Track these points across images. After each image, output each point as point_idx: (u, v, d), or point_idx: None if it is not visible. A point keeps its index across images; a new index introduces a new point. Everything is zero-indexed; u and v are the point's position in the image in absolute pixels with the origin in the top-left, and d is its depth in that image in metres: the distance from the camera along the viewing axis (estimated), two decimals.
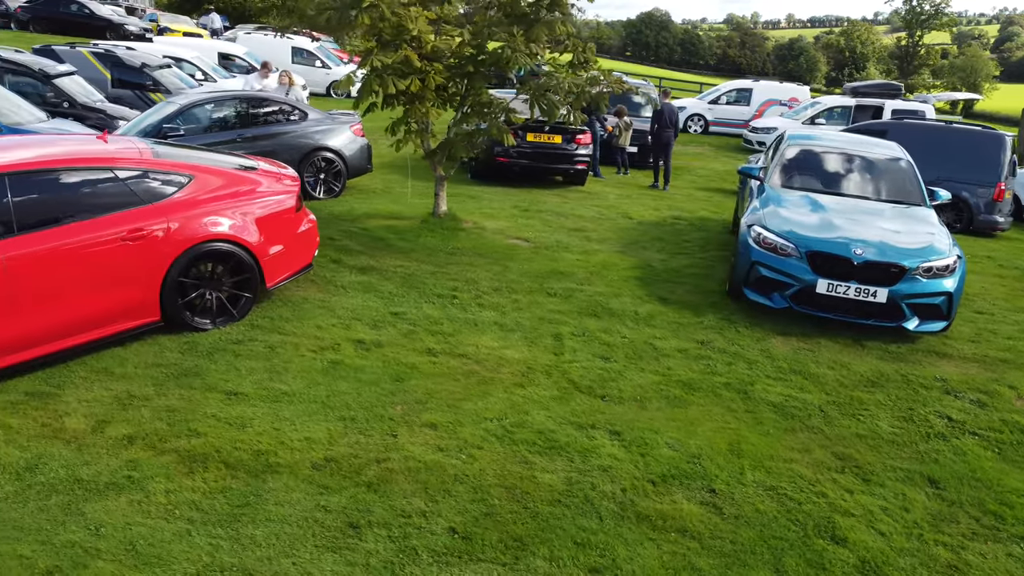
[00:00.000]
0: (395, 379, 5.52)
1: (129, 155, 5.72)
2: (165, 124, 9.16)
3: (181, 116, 9.39)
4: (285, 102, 10.57)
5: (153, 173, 5.71)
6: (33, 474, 4.31)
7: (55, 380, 5.23)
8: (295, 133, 10.04)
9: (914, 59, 75.27)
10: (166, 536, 3.93)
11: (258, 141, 9.69)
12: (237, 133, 9.66)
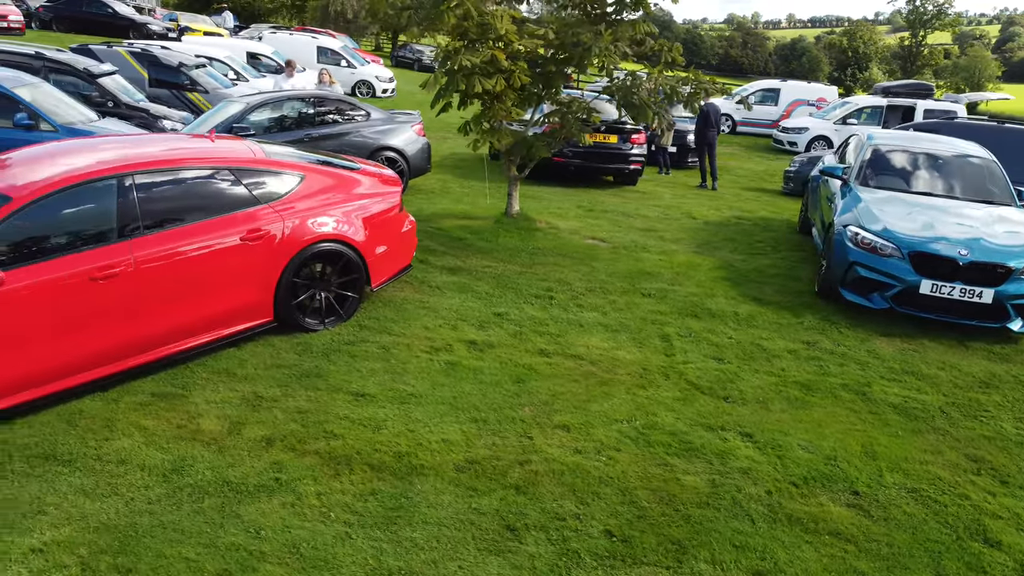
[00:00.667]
0: (516, 380, 5.50)
1: (245, 155, 5.73)
2: (235, 124, 9.16)
3: (249, 116, 9.39)
4: (349, 102, 10.58)
5: (268, 173, 5.71)
6: (180, 476, 4.30)
7: (179, 381, 5.22)
8: (359, 133, 10.04)
9: (917, 59, 75.15)
10: (327, 539, 3.91)
11: (324, 140, 9.69)
12: (304, 133, 9.67)
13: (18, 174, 4.92)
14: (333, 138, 9.76)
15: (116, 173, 4.97)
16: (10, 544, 3.75)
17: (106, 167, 4.97)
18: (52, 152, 5.47)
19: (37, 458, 4.39)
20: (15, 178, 4.83)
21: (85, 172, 4.88)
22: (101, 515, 3.97)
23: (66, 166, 4.99)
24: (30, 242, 4.63)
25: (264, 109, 9.66)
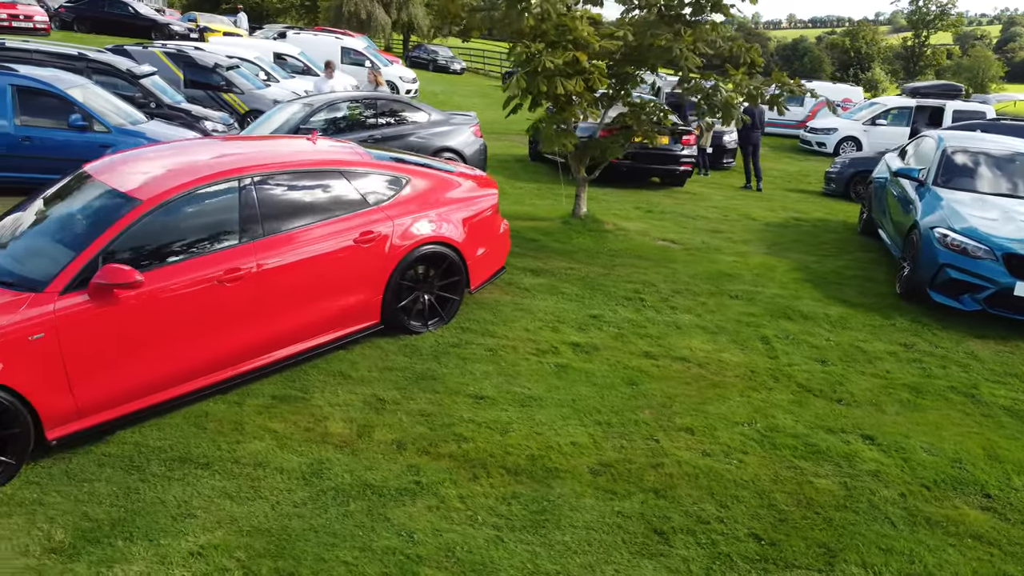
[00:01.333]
0: (629, 383, 5.52)
1: (354, 158, 5.76)
2: (302, 125, 9.19)
3: (314, 117, 9.41)
4: (409, 103, 10.60)
5: (376, 176, 5.74)
6: (319, 479, 4.32)
7: (297, 384, 5.25)
8: (419, 134, 10.06)
9: (920, 60, 75.06)
10: (479, 542, 3.93)
11: (387, 141, 9.71)
12: (367, 134, 9.69)
13: (140, 176, 4.95)
14: (395, 139, 9.79)
15: (238, 175, 5.00)
16: (168, 547, 3.78)
17: (228, 169, 5.00)
18: (166, 153, 5.51)
19: (174, 461, 4.42)
20: (140, 180, 4.85)
21: (209, 174, 4.90)
22: (250, 518, 4.00)
23: (187, 168, 5.02)
24: (162, 245, 4.66)
25: (328, 111, 9.68)
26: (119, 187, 4.78)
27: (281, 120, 9.74)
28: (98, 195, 4.85)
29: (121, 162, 5.33)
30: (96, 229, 4.49)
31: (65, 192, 5.16)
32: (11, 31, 23.04)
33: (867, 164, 15.51)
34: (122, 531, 3.87)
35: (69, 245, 4.51)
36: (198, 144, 6.02)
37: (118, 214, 4.54)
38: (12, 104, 10.91)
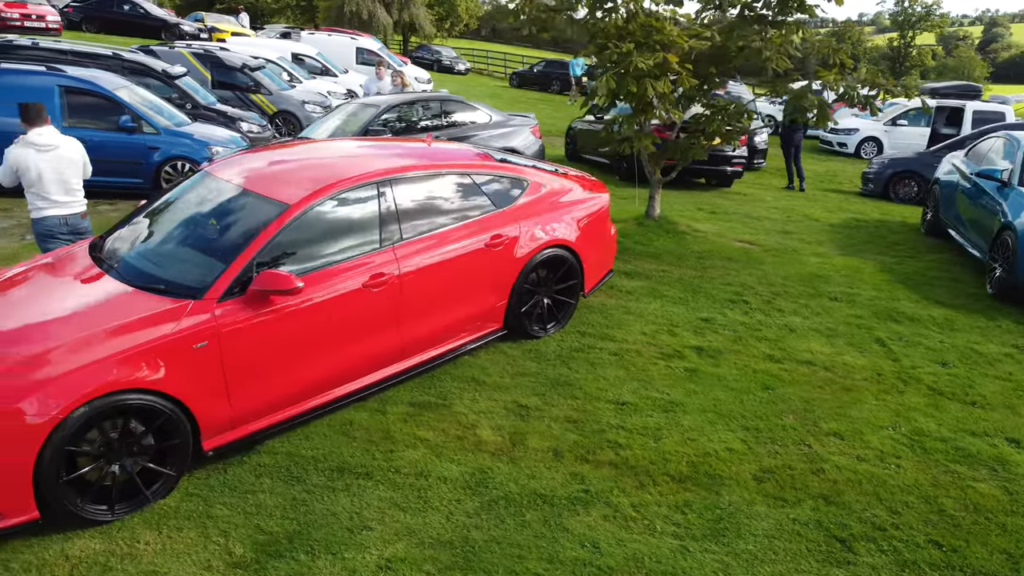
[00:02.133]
0: (764, 387, 5.48)
1: (479, 160, 5.69)
2: (370, 127, 9.11)
3: (382, 118, 9.32)
4: (471, 104, 10.52)
5: (501, 178, 5.68)
6: (485, 488, 4.26)
7: (433, 391, 5.18)
8: (482, 135, 10.00)
9: (906, 60, 75.51)
10: (664, 552, 3.88)
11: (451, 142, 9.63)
12: (433, 135, 9.59)
13: (278, 179, 4.87)
14: (459, 140, 9.70)
15: (378, 178, 4.92)
16: (353, 561, 3.71)
17: (369, 171, 4.92)
18: (287, 156, 5.42)
19: (332, 471, 4.34)
20: (280, 183, 4.77)
21: (351, 176, 4.83)
22: (427, 530, 3.93)
23: (324, 171, 4.94)
24: (308, 250, 4.57)
25: (396, 111, 9.59)
26: (261, 191, 4.70)
27: (344, 120, 9.64)
28: (237, 199, 4.77)
29: (247, 165, 5.23)
30: (247, 234, 4.41)
31: (193, 196, 5.06)
32: (23, 30, 22.81)
33: (906, 165, 15.58)
34: (301, 544, 3.79)
35: (219, 250, 4.43)
36: (313, 146, 5.92)
37: (267, 218, 4.45)
38: (60, 105, 10.79)
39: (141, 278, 4.34)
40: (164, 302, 4.11)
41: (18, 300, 4.31)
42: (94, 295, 4.26)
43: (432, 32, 51.78)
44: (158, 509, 4.02)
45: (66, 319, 4.03)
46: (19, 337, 3.88)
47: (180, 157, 11.24)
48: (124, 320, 3.97)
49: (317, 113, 17.92)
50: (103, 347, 3.81)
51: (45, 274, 4.65)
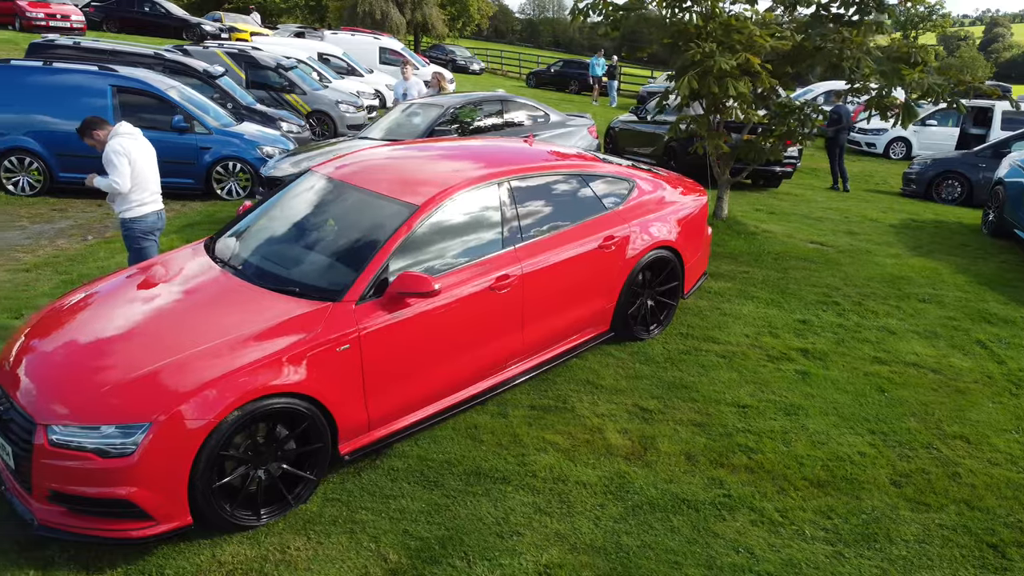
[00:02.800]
0: (878, 390, 5.43)
1: (590, 161, 5.65)
2: (436, 127, 9.06)
3: (448, 117, 9.26)
4: (531, 104, 10.47)
5: (610, 179, 5.64)
6: (627, 493, 4.21)
7: (550, 394, 5.14)
8: (543, 136, 9.91)
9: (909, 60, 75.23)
10: (820, 559, 3.83)
11: None
12: (495, 135, 9.56)
13: (399, 180, 4.82)
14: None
15: (499, 178, 4.89)
16: (510, 567, 3.67)
17: (491, 172, 4.88)
18: (394, 157, 5.38)
19: (468, 475, 4.31)
20: (406, 185, 4.72)
21: (474, 177, 4.79)
22: (577, 536, 3.89)
23: (444, 172, 4.90)
24: (436, 251, 4.53)
25: (460, 112, 9.53)
26: (386, 192, 4.66)
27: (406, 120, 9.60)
28: (359, 200, 4.72)
29: (359, 166, 5.20)
30: (378, 235, 4.37)
31: (309, 197, 5.03)
32: (48, 30, 22.81)
33: (949, 165, 15.50)
34: (455, 550, 3.75)
35: (350, 252, 4.39)
36: (418, 147, 5.88)
37: (397, 220, 4.41)
38: (112, 105, 10.78)
39: (274, 280, 4.30)
40: (303, 304, 4.07)
41: (154, 305, 4.26)
42: (229, 298, 4.21)
43: (444, 32, 51.79)
44: (301, 514, 3.99)
45: (209, 323, 3.99)
46: (169, 341, 3.84)
47: (231, 157, 11.22)
48: (268, 323, 3.94)
49: (351, 113, 17.89)
50: (253, 351, 3.77)
51: (169, 278, 4.61)
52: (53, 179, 10.79)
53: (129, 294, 4.43)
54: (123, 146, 5.75)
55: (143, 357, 3.74)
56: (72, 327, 4.13)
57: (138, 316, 4.13)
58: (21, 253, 8.48)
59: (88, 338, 3.98)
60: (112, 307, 4.29)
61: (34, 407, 3.61)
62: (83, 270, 7.91)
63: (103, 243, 8.97)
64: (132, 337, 3.93)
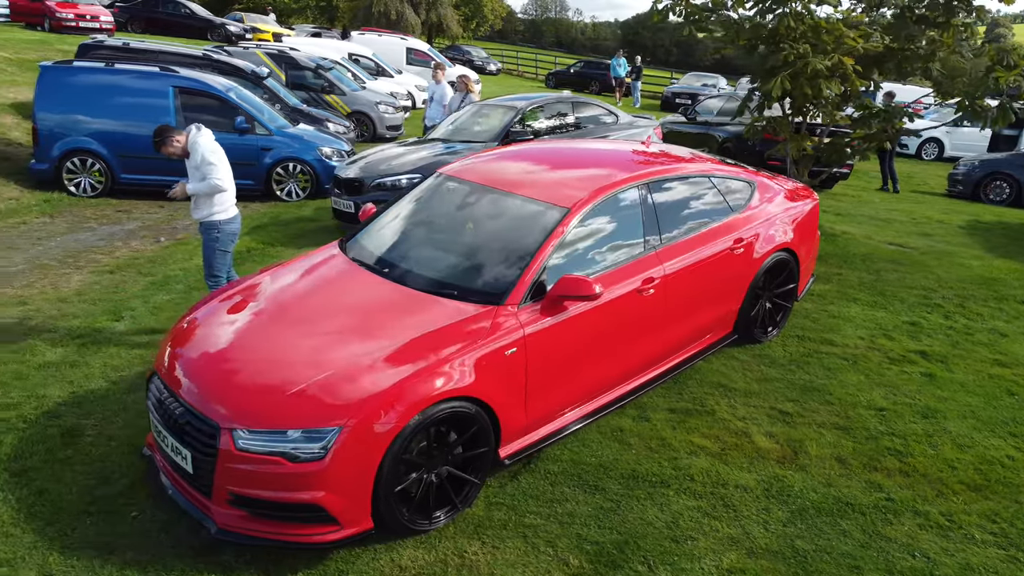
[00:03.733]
0: (1008, 392, 5.43)
1: (716, 164, 5.65)
2: (511, 129, 9.06)
3: (523, 118, 9.25)
4: (600, 106, 10.47)
5: (734, 181, 5.65)
6: (789, 498, 4.21)
7: (685, 396, 5.15)
8: (613, 136, 9.91)
9: None
10: (996, 563, 3.83)
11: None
12: (567, 136, 9.55)
13: (546, 183, 4.81)
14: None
15: (639, 181, 4.88)
16: (693, 571, 3.67)
17: (633, 175, 4.88)
18: (534, 158, 5.39)
19: (625, 478, 4.31)
20: (553, 187, 4.72)
21: (618, 180, 4.79)
22: (750, 540, 3.88)
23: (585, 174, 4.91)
24: (586, 254, 4.53)
25: (533, 113, 9.53)
26: (531, 194, 4.66)
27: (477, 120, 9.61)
28: (503, 203, 4.72)
29: (493, 168, 5.20)
30: (531, 238, 4.36)
31: (446, 199, 5.03)
32: (78, 31, 22.84)
33: (997, 166, 15.48)
34: (632, 554, 3.75)
35: (505, 256, 4.38)
36: (543, 149, 5.89)
37: (549, 222, 4.41)
38: (174, 106, 10.79)
39: (430, 284, 4.29)
40: (466, 308, 4.06)
41: (315, 308, 4.26)
42: (390, 302, 4.21)
43: (458, 32, 51.88)
44: (468, 519, 3.99)
45: (377, 326, 4.00)
46: (343, 345, 3.85)
47: (292, 158, 11.22)
48: (437, 327, 3.94)
49: (389, 114, 17.90)
50: (429, 354, 3.77)
51: (318, 281, 4.61)
52: (115, 180, 10.80)
53: (282, 297, 4.42)
54: (215, 146, 5.75)
55: (322, 361, 3.73)
56: (233, 329, 4.13)
57: (302, 319, 4.13)
58: (99, 255, 8.49)
59: (258, 341, 3.98)
60: (269, 310, 4.29)
61: (216, 412, 3.61)
62: (167, 272, 7.92)
63: (177, 245, 8.98)
64: (303, 341, 3.92)
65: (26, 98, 14.64)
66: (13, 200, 10.36)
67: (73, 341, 6.13)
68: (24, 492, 4.21)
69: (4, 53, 17.01)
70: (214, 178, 5.66)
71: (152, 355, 5.92)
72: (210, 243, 5.89)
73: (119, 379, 5.51)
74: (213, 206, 5.79)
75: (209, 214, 5.80)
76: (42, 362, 5.73)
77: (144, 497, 4.19)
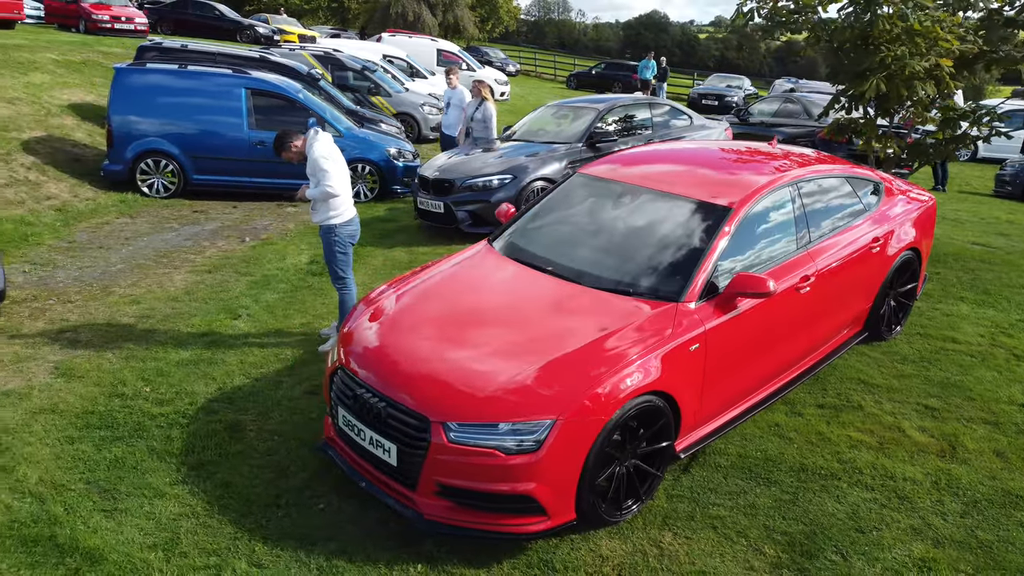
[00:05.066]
0: None
1: (843, 164, 5.76)
2: (594, 129, 9.17)
3: (605, 119, 9.37)
4: (676, 107, 10.60)
5: (865, 181, 5.76)
6: (959, 490, 4.31)
7: (830, 392, 5.27)
8: (687, 136, 10.03)
9: None
10: None
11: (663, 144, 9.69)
12: (646, 137, 9.68)
13: (704, 183, 4.91)
14: (669, 142, 9.76)
15: (791, 181, 5.00)
16: (888, 561, 3.77)
17: (780, 175, 4.99)
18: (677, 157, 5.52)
19: (794, 471, 4.42)
20: (711, 187, 4.82)
21: (773, 179, 4.90)
22: (932, 531, 3.99)
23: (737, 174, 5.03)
24: (747, 251, 4.63)
25: (614, 113, 9.64)
26: (688, 194, 4.76)
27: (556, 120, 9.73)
28: (661, 202, 4.82)
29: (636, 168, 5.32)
30: (698, 237, 4.48)
31: (595, 199, 5.14)
32: (114, 32, 23.00)
33: None
34: (825, 544, 3.85)
35: (673, 254, 4.48)
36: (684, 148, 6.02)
37: (715, 221, 4.52)
38: (246, 109, 10.91)
39: (604, 282, 4.40)
40: (647, 305, 4.17)
41: (496, 304, 4.40)
42: (569, 299, 4.32)
43: (475, 33, 52.00)
44: (654, 511, 4.10)
45: (567, 322, 4.11)
46: (538, 340, 3.96)
47: (360, 159, 11.33)
48: (624, 324, 4.04)
49: (433, 115, 18.01)
50: (625, 349, 3.88)
51: (483, 278, 4.74)
52: (187, 181, 10.93)
53: (456, 294, 4.55)
54: (329, 151, 5.83)
55: (521, 356, 3.84)
56: (422, 326, 4.23)
57: (486, 316, 4.26)
58: (190, 254, 8.61)
59: (452, 337, 4.09)
60: (448, 307, 4.41)
61: (426, 406, 3.71)
62: (264, 271, 8.05)
63: (263, 244, 9.10)
64: (496, 336, 4.04)
65: (80, 99, 14.81)
66: (90, 200, 10.50)
67: (199, 339, 6.25)
68: (209, 485, 4.33)
69: (51, 55, 17.13)
70: (326, 184, 5.74)
71: (283, 353, 6.05)
72: (329, 246, 5.99)
73: (260, 376, 5.63)
74: (329, 210, 5.87)
75: (326, 218, 5.88)
76: (178, 359, 5.85)
77: (327, 490, 4.32)
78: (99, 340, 6.17)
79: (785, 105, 13.86)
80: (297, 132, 5.86)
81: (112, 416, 5.03)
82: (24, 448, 4.62)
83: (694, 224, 4.58)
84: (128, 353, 5.95)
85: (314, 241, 9.26)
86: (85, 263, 8.10)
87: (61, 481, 4.33)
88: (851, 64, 8.07)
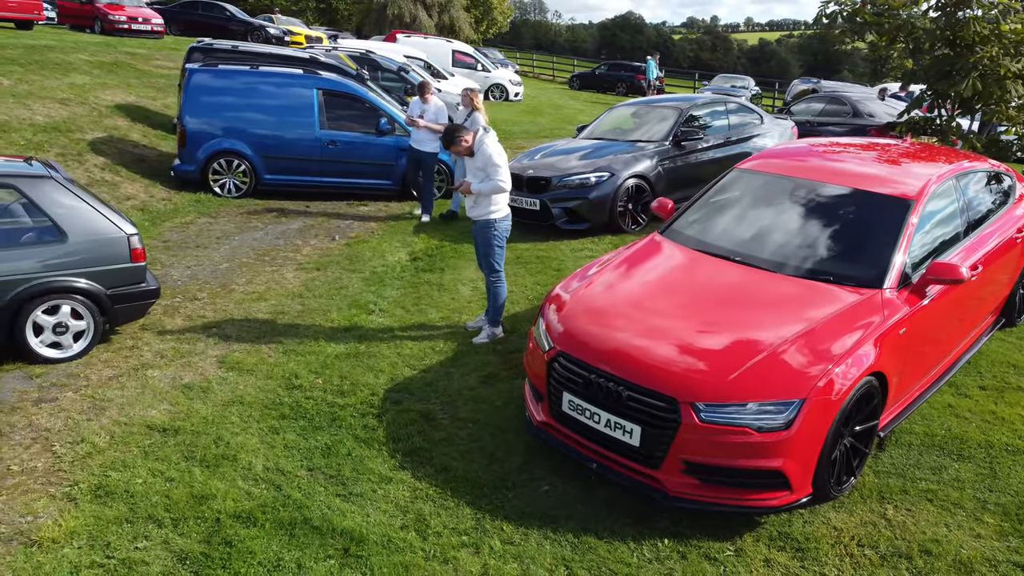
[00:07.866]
0: None
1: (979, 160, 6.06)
2: (680, 128, 9.41)
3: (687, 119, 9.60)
4: (748, 106, 10.88)
5: (1004, 175, 6.06)
6: None
7: (985, 375, 5.54)
8: (762, 136, 10.28)
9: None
10: None
11: (740, 143, 9.96)
12: (724, 136, 9.93)
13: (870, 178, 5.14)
14: (745, 140, 10.04)
15: (951, 175, 5.27)
16: None
17: (944, 169, 5.27)
18: (835, 154, 5.78)
19: (981, 447, 4.68)
20: (880, 181, 5.07)
21: (943, 172, 5.18)
22: None
23: (902, 168, 5.30)
24: (924, 241, 4.87)
25: (697, 112, 9.89)
26: (865, 187, 5.01)
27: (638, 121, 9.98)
28: (843, 195, 5.05)
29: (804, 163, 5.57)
30: (887, 227, 4.72)
31: (766, 192, 5.38)
32: (130, 33, 22.89)
33: None
34: None
35: (864, 243, 4.73)
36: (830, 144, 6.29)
37: (900, 212, 4.76)
38: (319, 109, 11.02)
39: (803, 271, 4.62)
40: (853, 292, 4.40)
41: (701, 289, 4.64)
42: (772, 286, 4.54)
43: (471, 35, 52.13)
44: (866, 486, 4.31)
45: (780, 308, 4.33)
46: (764, 324, 4.18)
47: None
48: (837, 308, 4.27)
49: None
50: (852, 332, 4.10)
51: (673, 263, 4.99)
52: (258, 181, 11.01)
53: (667, 282, 4.83)
54: (500, 148, 6.00)
55: (751, 339, 4.07)
56: (644, 312, 4.44)
57: (702, 302, 4.49)
58: (288, 252, 8.72)
59: (679, 322, 4.29)
60: (666, 294, 4.66)
61: (674, 388, 3.91)
62: (371, 268, 8.20)
63: (355, 242, 9.23)
64: (721, 322, 4.26)
65: (123, 100, 14.80)
66: (167, 200, 10.55)
67: (346, 333, 6.39)
68: (430, 470, 4.50)
69: (83, 56, 17.08)
70: (499, 179, 5.89)
71: (436, 346, 6.20)
72: (487, 240, 6.13)
73: (425, 367, 5.79)
74: (491, 205, 6.03)
75: (487, 212, 6.04)
76: (335, 353, 6.00)
77: (545, 472, 4.50)
78: (249, 335, 6.29)
79: (832, 105, 14.23)
80: (466, 128, 6.02)
81: (301, 407, 5.17)
82: (235, 438, 4.76)
83: (881, 216, 4.82)
84: (284, 347, 6.08)
85: (407, 239, 9.42)
86: (191, 262, 8.18)
87: (285, 468, 4.47)
88: (937, 64, 8.40)
